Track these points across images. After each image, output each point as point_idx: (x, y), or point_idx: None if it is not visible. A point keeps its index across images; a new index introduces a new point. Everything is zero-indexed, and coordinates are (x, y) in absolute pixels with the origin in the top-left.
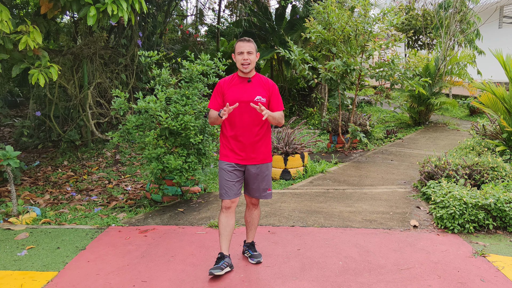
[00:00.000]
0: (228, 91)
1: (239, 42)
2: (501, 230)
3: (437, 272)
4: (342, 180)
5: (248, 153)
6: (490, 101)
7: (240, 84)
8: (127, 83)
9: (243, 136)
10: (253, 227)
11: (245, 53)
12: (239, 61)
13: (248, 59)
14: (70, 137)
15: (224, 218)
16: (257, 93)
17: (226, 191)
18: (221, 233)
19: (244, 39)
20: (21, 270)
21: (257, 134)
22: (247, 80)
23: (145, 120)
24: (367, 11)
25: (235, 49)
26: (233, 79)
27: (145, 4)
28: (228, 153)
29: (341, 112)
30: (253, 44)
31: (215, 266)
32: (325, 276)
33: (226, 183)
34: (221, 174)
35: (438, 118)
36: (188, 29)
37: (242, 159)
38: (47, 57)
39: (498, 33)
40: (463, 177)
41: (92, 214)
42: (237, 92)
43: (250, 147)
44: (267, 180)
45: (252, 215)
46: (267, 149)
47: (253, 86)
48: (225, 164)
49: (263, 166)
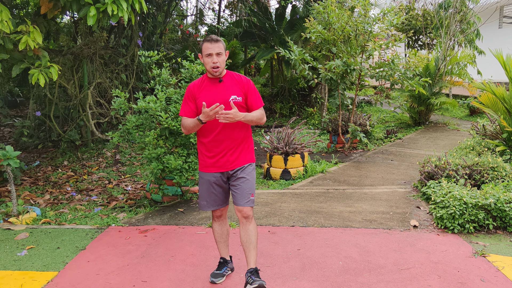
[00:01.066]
0: (199, 95)
1: (206, 43)
2: (501, 230)
3: (437, 272)
4: (342, 180)
5: (227, 158)
6: (490, 101)
7: (212, 85)
8: (127, 83)
9: (221, 141)
10: (252, 247)
11: (214, 55)
12: (208, 63)
13: (217, 62)
14: (70, 137)
15: (218, 226)
16: (231, 93)
17: (208, 202)
18: (217, 240)
19: (211, 39)
20: (21, 270)
21: (236, 137)
22: (218, 81)
23: (145, 120)
24: (367, 11)
25: (202, 50)
26: (203, 82)
27: (145, 4)
28: (206, 162)
29: (341, 112)
30: (221, 44)
31: (217, 271)
32: (325, 276)
33: (209, 195)
34: (202, 185)
35: (438, 118)
36: (188, 29)
37: (221, 167)
38: (47, 57)
39: (498, 33)
40: (463, 177)
41: (92, 214)
42: (210, 95)
43: (229, 151)
44: (251, 184)
45: (248, 231)
46: (248, 151)
47: (225, 86)
48: (207, 175)
49: (247, 167)
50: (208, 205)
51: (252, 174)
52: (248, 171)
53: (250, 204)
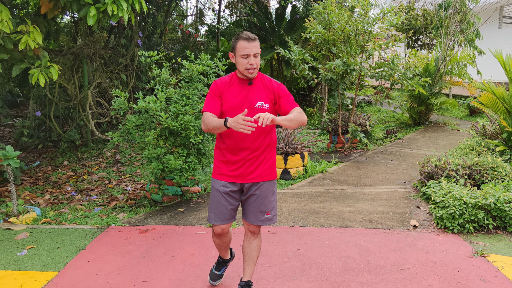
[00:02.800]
0: (226, 93)
1: (243, 42)
2: (501, 230)
3: (437, 272)
4: (342, 180)
5: (245, 169)
6: (490, 101)
7: (240, 87)
8: (127, 83)
9: (241, 148)
10: (251, 261)
11: (252, 56)
12: (243, 65)
13: (254, 64)
14: (70, 137)
15: (218, 240)
16: (259, 98)
17: (216, 214)
18: (218, 248)
19: (248, 37)
20: (21, 270)
21: (259, 146)
22: (248, 83)
23: (145, 120)
24: (367, 11)
25: (237, 49)
26: (232, 80)
27: (145, 4)
28: (222, 169)
29: (341, 112)
30: (258, 43)
31: (215, 271)
32: (325, 276)
33: (217, 206)
34: (213, 194)
35: (438, 118)
36: (188, 29)
37: (237, 177)
38: (47, 57)
39: (498, 33)
40: (463, 177)
41: (92, 214)
42: (236, 97)
43: (249, 161)
44: (267, 202)
45: (251, 246)
46: (270, 163)
47: (254, 90)
48: (219, 183)
49: (264, 185)
50: (215, 218)
51: (270, 192)
52: (266, 188)
53: (265, 223)
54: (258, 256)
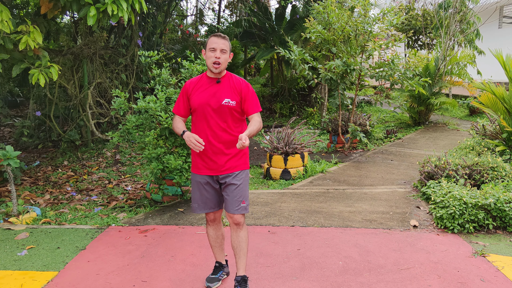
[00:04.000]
0: (194, 93)
1: (213, 37)
2: (501, 230)
3: (437, 272)
4: (342, 180)
5: (219, 163)
6: (490, 101)
7: (209, 85)
8: (127, 83)
9: (212, 144)
10: (242, 253)
11: (218, 50)
12: (210, 58)
13: (220, 58)
14: (70, 137)
15: (212, 231)
16: (226, 96)
17: (199, 205)
18: (212, 245)
19: (219, 34)
20: (21, 270)
21: (228, 140)
22: (216, 81)
23: (145, 120)
24: (367, 11)
25: (207, 44)
26: (200, 80)
27: (145, 4)
28: (198, 164)
29: (341, 112)
30: (228, 42)
31: (212, 276)
32: (325, 276)
33: (200, 197)
34: (193, 187)
35: (438, 118)
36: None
37: (213, 170)
38: (47, 57)
39: (498, 33)
40: (463, 177)
41: (92, 214)
42: (204, 95)
43: (221, 155)
44: (242, 191)
45: (238, 238)
46: (240, 156)
47: (222, 88)
48: (197, 176)
49: (238, 175)
50: (199, 207)
51: (244, 181)
52: (239, 178)
53: (241, 212)
54: (247, 247)
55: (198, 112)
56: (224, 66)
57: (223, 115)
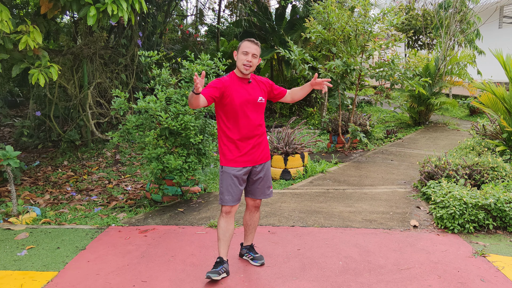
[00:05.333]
0: (233, 90)
1: (247, 42)
2: (501, 230)
3: (437, 272)
4: (342, 180)
5: (255, 154)
6: (490, 101)
7: (243, 84)
8: (127, 83)
9: (250, 137)
10: (253, 229)
11: (250, 54)
12: (242, 60)
13: (251, 62)
14: (70, 137)
15: (224, 223)
16: (258, 94)
17: (232, 197)
18: (220, 238)
19: (252, 40)
20: (21, 270)
21: (261, 134)
22: (247, 81)
23: (145, 120)
24: (367, 11)
25: (241, 47)
26: (233, 79)
27: (145, 4)
28: (236, 157)
29: (341, 112)
30: (259, 48)
31: (213, 269)
32: (325, 276)
33: (234, 189)
34: (228, 180)
35: (438, 118)
36: (188, 29)
37: (250, 161)
38: (47, 57)
39: (498, 33)
40: (463, 177)
41: (92, 214)
42: (242, 93)
43: (256, 147)
44: (269, 178)
45: (253, 218)
46: (267, 147)
47: (253, 87)
48: (234, 170)
49: (266, 165)
50: (233, 199)
51: (270, 169)
52: (268, 167)
53: (270, 195)
54: (257, 224)
55: (237, 108)
56: (253, 69)
57: (259, 111)
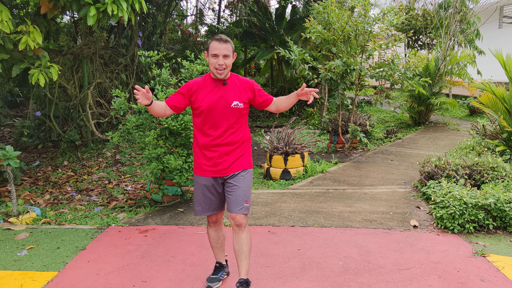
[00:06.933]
0: (200, 95)
1: (215, 42)
2: (501, 230)
3: (437, 272)
4: (342, 180)
5: (224, 164)
6: (490, 101)
7: (215, 87)
8: (127, 83)
9: (219, 145)
10: (244, 257)
11: (221, 56)
12: (213, 64)
13: (223, 64)
14: (70, 137)
15: (213, 232)
16: (234, 98)
17: (202, 207)
18: (213, 245)
19: (220, 38)
20: (21, 270)
21: (235, 141)
22: (222, 83)
23: (145, 120)
24: (367, 11)
25: (209, 49)
26: (205, 81)
27: (145, 4)
28: (203, 165)
29: (341, 112)
30: (230, 45)
31: (213, 276)
32: (325, 276)
33: (203, 199)
34: (197, 189)
35: (438, 118)
36: (188, 29)
37: (219, 172)
38: (47, 57)
39: (498, 33)
40: (463, 177)
41: (92, 214)
42: (211, 97)
43: (226, 156)
44: (246, 190)
45: (240, 241)
46: (245, 156)
47: (229, 90)
48: (202, 179)
49: (242, 174)
50: (203, 210)
51: (247, 181)
52: (243, 177)
53: (244, 212)
54: (249, 250)
55: (205, 113)
56: (228, 70)
57: (231, 117)
